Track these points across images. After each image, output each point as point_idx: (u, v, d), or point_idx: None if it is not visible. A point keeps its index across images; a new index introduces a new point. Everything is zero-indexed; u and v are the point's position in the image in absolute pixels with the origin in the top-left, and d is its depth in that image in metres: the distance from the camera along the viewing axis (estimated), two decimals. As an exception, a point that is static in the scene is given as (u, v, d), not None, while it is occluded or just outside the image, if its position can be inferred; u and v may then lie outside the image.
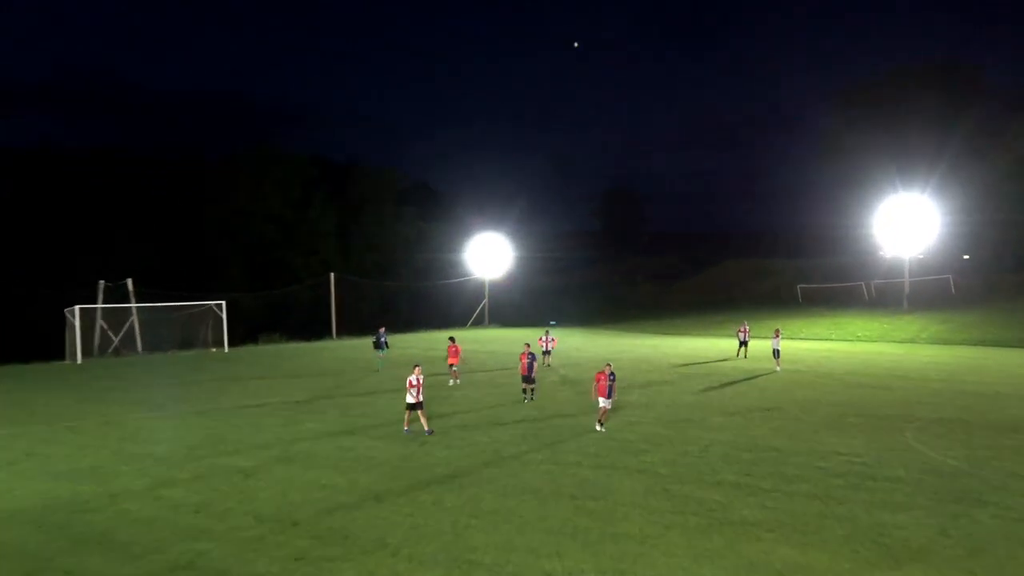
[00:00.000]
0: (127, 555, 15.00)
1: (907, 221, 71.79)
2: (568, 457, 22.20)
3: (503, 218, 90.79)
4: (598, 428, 25.50)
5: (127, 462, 22.46)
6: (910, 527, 15.74)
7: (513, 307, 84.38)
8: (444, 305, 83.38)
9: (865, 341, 58.59)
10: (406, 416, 25.15)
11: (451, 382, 36.48)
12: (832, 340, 58.96)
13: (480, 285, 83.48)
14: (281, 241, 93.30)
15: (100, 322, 57.01)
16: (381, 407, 30.73)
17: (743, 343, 47.40)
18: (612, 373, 25.48)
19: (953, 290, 78.53)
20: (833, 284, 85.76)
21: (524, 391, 31.86)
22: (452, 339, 38.80)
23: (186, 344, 58.96)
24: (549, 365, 43.46)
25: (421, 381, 24.53)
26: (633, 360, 47.22)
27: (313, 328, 70.24)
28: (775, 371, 40.49)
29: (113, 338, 57.08)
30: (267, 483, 19.99)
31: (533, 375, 31.70)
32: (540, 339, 44.41)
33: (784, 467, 20.71)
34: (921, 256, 78.26)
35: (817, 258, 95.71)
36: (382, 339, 43.10)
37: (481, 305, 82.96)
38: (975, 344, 55.10)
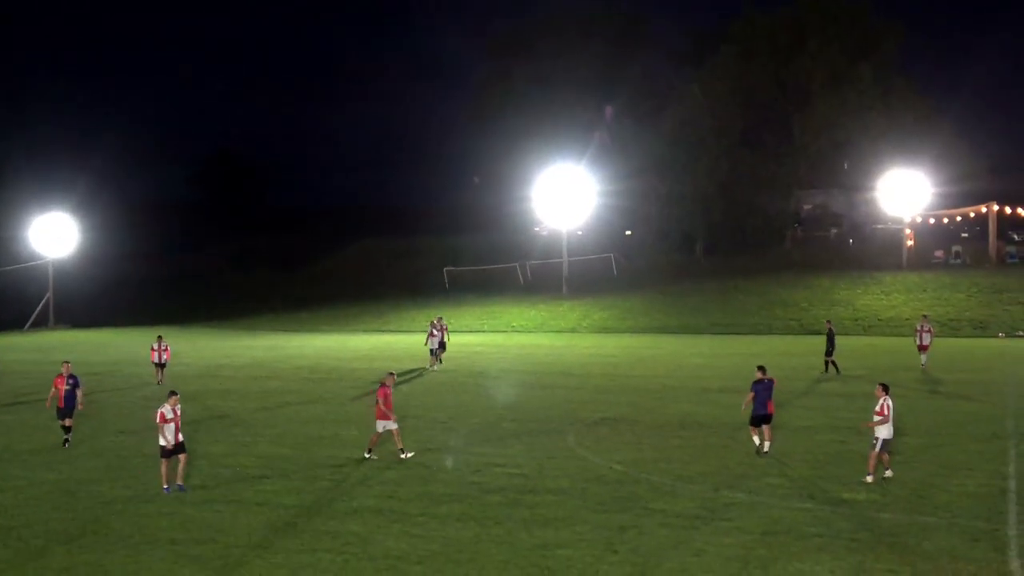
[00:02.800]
0: None
1: (564, 192, 76.31)
2: (159, 493, 21.35)
3: (71, 191, 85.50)
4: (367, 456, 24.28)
5: None
6: (574, 544, 16.76)
7: (86, 302, 79.59)
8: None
9: (521, 332, 61.82)
10: (164, 468, 20.81)
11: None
12: (484, 332, 61.61)
13: (43, 274, 78.24)
14: None
15: None
16: None
17: (440, 345, 43.68)
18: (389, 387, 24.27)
19: (615, 271, 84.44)
20: (485, 266, 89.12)
21: (64, 429, 26.38)
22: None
23: None
24: (160, 382, 39.73)
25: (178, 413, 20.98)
26: (248, 365, 46.36)
27: None
28: (430, 370, 41.70)
29: None
30: None
31: (74, 405, 26.31)
32: (153, 348, 40.79)
33: (433, 485, 21.31)
34: (580, 232, 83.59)
35: (467, 235, 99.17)
36: None
37: (44, 299, 77.69)
38: (640, 332, 60.11)
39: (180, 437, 20.87)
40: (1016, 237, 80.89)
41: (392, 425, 23.74)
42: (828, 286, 68.29)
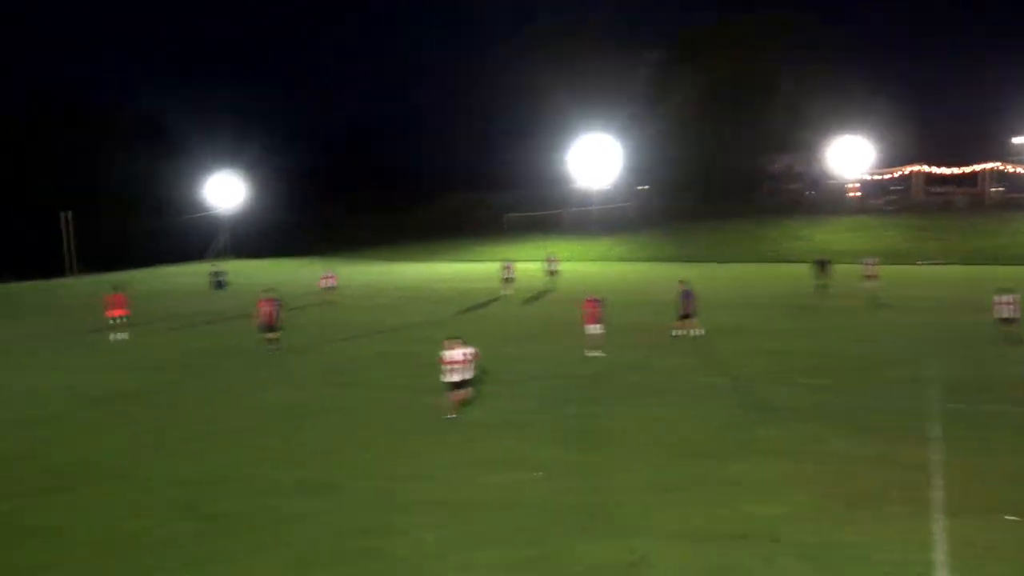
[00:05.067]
0: None
1: (597, 157, 76.80)
2: (301, 377, 21.97)
3: (238, 156, 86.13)
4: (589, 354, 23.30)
5: None
6: (603, 416, 17.18)
7: (250, 240, 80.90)
8: (181, 239, 78.26)
9: (564, 261, 62.09)
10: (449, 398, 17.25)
11: (116, 336, 29.03)
12: (534, 261, 61.79)
13: (217, 220, 79.64)
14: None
15: None
16: (108, 342, 28.73)
17: (508, 279, 40.99)
18: (599, 300, 23.64)
19: (632, 216, 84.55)
20: (535, 212, 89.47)
21: (268, 342, 25.65)
22: (117, 287, 31.06)
23: None
24: (333, 302, 38.65)
25: (468, 357, 17.03)
26: (363, 285, 46.95)
27: (45, 266, 63.11)
28: (505, 296, 40.06)
29: None
30: None
31: (275, 323, 25.60)
32: (322, 276, 40.02)
33: (500, 374, 21.79)
34: (609, 187, 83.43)
35: (521, 189, 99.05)
36: (220, 279, 37.00)
37: (219, 239, 79.09)
38: (650, 260, 60.14)
39: (466, 376, 16.94)
40: (933, 189, 79.57)
41: (597, 329, 23.11)
42: (792, 226, 67.78)
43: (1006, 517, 11.50)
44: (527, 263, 57.35)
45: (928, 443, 14.77)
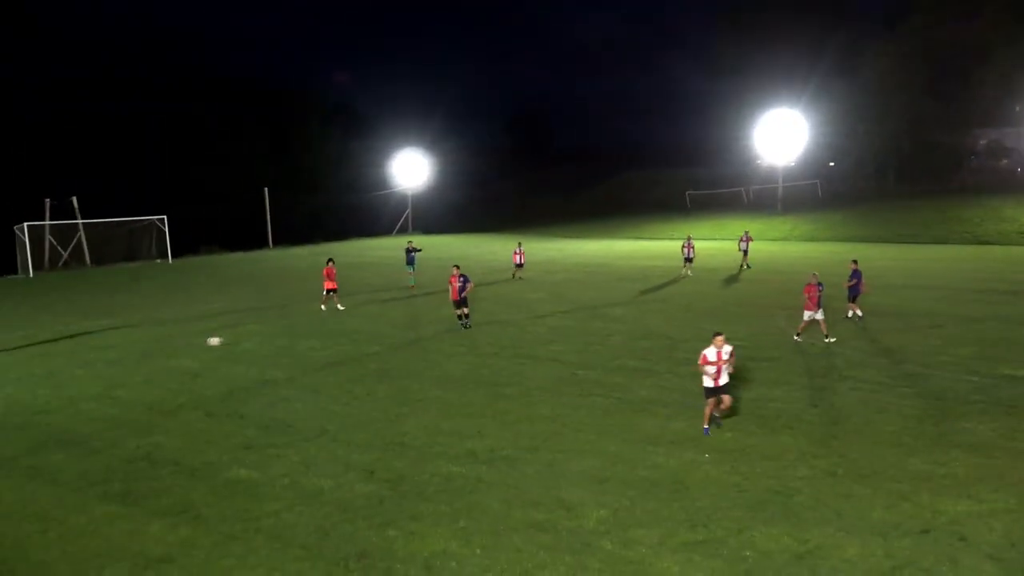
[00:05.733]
0: (87, 450, 14.72)
1: (782, 133, 73.12)
2: (485, 349, 22.39)
3: (422, 136, 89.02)
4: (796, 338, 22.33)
5: (81, 367, 21.86)
6: (784, 400, 16.40)
7: (434, 216, 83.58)
8: (370, 215, 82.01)
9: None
10: (708, 408, 14.64)
11: (324, 306, 30.27)
12: (716, 239, 60.00)
13: (403, 197, 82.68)
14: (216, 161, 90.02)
15: (48, 238, 54.82)
16: (316, 312, 30.35)
17: (688, 259, 39.38)
18: (820, 284, 21.99)
19: (820, 194, 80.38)
20: (716, 190, 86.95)
21: (459, 317, 25.67)
22: (331, 260, 31.22)
23: (131, 256, 57.15)
24: (520, 278, 38.36)
25: (726, 356, 14.43)
26: (542, 262, 47.34)
27: (249, 239, 68.41)
28: (686, 276, 38.21)
29: (63, 252, 55.09)
30: (214, 380, 19.72)
31: (464, 296, 25.38)
32: (514, 252, 39.72)
33: (675, 352, 21.27)
34: (793, 164, 79.66)
35: (703, 167, 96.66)
36: (412, 254, 37.04)
37: (405, 214, 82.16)
38: (839, 240, 56.84)
39: (723, 379, 14.39)
40: None
41: (818, 315, 21.75)
42: (998, 206, 61.83)
43: None
44: (707, 241, 55.83)
45: None
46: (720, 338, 14.44)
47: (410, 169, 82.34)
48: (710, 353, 14.26)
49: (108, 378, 20.39)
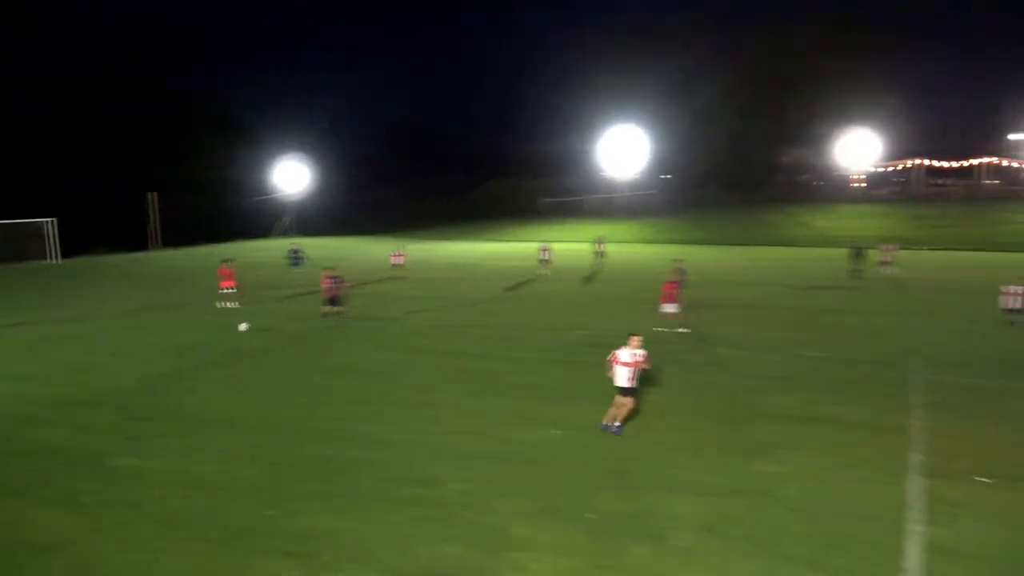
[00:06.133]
0: (-33, 447, 13.79)
1: (625, 147, 75.98)
2: (361, 342, 22.32)
3: (304, 144, 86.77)
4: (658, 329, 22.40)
5: (-42, 366, 20.30)
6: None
7: (314, 220, 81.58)
8: (253, 218, 79.25)
9: (590, 242, 61.77)
10: (614, 407, 13.76)
11: (223, 304, 29.25)
12: (565, 242, 61.51)
13: (285, 201, 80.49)
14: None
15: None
16: (203, 308, 29.28)
17: (545, 260, 39.12)
18: (680, 281, 23.16)
19: (655, 202, 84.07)
20: (567, 198, 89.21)
21: (325, 315, 25.62)
22: (226, 261, 30.93)
23: (20, 257, 53.06)
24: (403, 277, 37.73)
25: (640, 358, 13.57)
26: (415, 262, 47.20)
27: (138, 241, 64.93)
28: (544, 276, 38.42)
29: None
30: (101, 374, 18.79)
31: (337, 295, 25.42)
32: (392, 255, 39.43)
33: (531, 340, 21.87)
34: (635, 176, 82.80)
35: (555, 177, 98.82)
36: (297, 255, 36.33)
37: (287, 218, 79.94)
38: (672, 243, 59.50)
39: (634, 382, 13.57)
40: (933, 181, 77.66)
41: (672, 308, 22.32)
42: (799, 213, 66.90)
43: (978, 479, 11.43)
44: (558, 244, 57.23)
45: (912, 411, 14.67)
46: (636, 339, 13.56)
47: (292, 175, 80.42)
48: (622, 354, 13.45)
49: (-12, 376, 19.06)
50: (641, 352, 13.51)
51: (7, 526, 10.58)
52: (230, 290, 29.48)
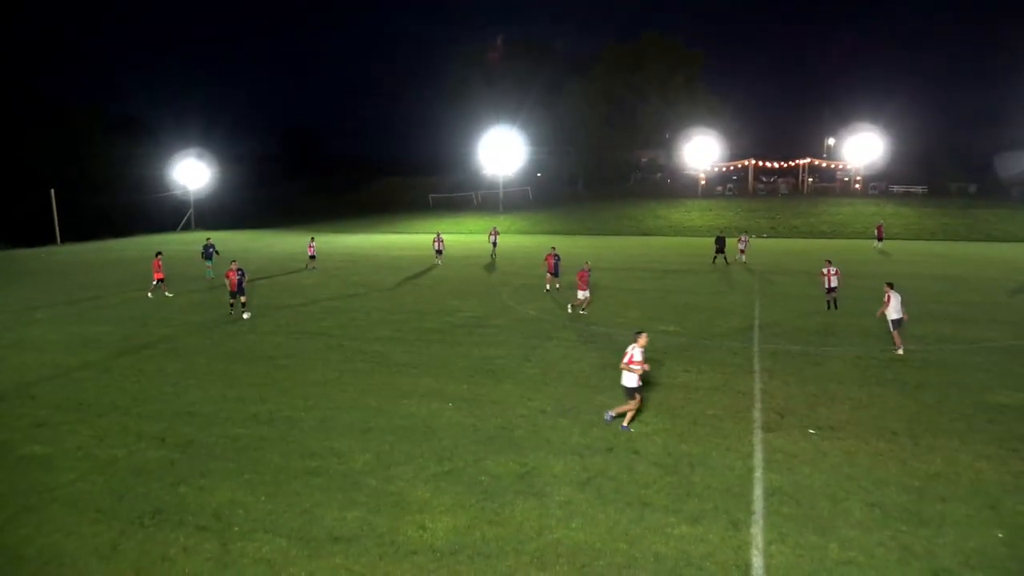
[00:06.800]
0: None
1: (502, 148, 76.19)
2: (264, 328, 21.35)
3: (203, 144, 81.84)
4: (569, 310, 22.90)
5: None
6: (506, 357, 17.29)
7: (213, 215, 77.41)
8: (154, 214, 74.30)
9: (476, 233, 61.78)
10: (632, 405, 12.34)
11: (152, 294, 27.82)
12: (454, 233, 61.29)
13: (185, 197, 75.94)
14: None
15: None
16: (106, 300, 27.18)
17: (438, 251, 37.96)
18: (590, 269, 23.46)
19: (531, 197, 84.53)
20: (453, 193, 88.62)
21: (231, 305, 23.65)
22: (159, 253, 29.18)
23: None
24: (314, 268, 36.13)
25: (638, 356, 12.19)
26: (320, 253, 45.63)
27: (38, 237, 59.47)
28: (436, 265, 37.65)
29: None
30: (4, 367, 17.07)
31: (243, 286, 23.33)
32: (310, 245, 37.26)
33: (424, 322, 21.60)
34: (511, 174, 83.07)
35: (442, 175, 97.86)
36: (210, 249, 33.69)
37: (188, 213, 75.50)
38: (546, 233, 60.39)
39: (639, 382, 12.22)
40: (764, 179, 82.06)
41: (584, 294, 22.51)
42: (655, 206, 68.84)
43: (809, 431, 12.10)
44: (448, 235, 56.91)
45: (753, 375, 15.39)
46: (644, 337, 12.18)
47: (191, 173, 75.95)
48: (637, 353, 12.04)
49: None
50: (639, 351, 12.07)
51: (-94, 519, 9.41)
52: (161, 282, 27.90)
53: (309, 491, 10.05)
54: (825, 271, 22.90)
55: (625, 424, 12.31)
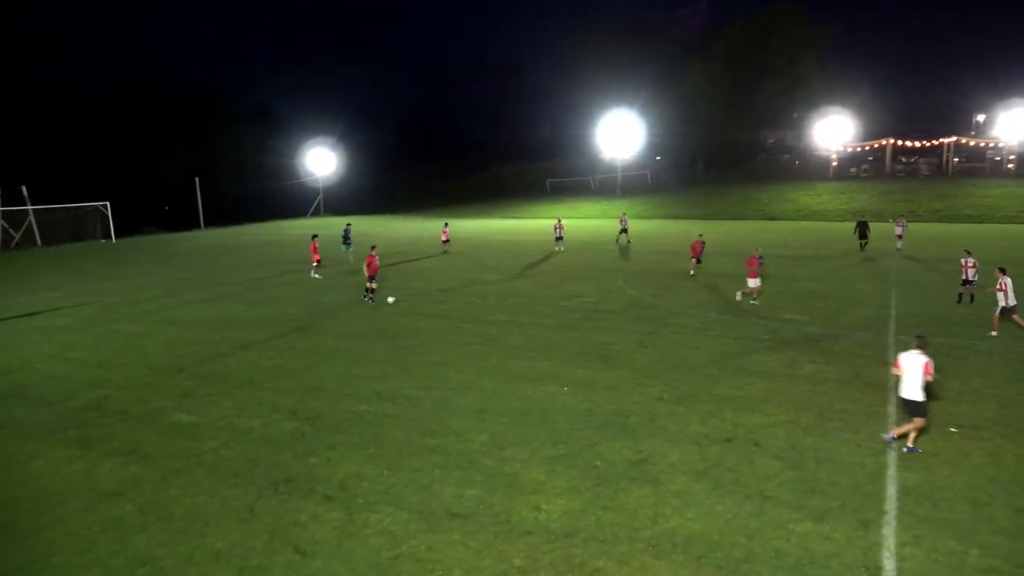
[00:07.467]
0: (44, 403, 13.90)
1: (620, 132, 74.99)
2: (386, 309, 22.22)
3: (330, 132, 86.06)
4: (738, 298, 21.93)
5: (36, 333, 20.38)
6: (621, 343, 17.11)
7: (340, 201, 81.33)
8: (287, 200, 79.05)
9: (592, 218, 61.38)
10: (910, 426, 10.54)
11: (316, 274, 29.40)
12: (571, 217, 61.10)
13: (315, 185, 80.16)
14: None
15: (1, 222, 50.52)
16: (243, 281, 29.26)
17: (558, 237, 37.83)
18: (761, 256, 21.86)
19: (649, 181, 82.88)
20: (570, 178, 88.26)
21: (367, 291, 23.44)
22: (315, 236, 30.68)
23: (78, 237, 53.40)
24: (447, 252, 37.36)
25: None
26: (434, 238, 46.97)
27: (184, 222, 65.07)
28: (557, 251, 36.98)
29: (14, 235, 50.93)
30: (156, 341, 18.79)
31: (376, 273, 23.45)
32: (443, 231, 38.81)
33: (538, 306, 21.73)
34: (629, 158, 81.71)
35: (560, 159, 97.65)
36: (349, 234, 35.29)
37: (317, 200, 79.69)
38: (663, 218, 59.13)
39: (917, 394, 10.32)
40: (903, 160, 75.98)
41: (755, 283, 21.20)
42: (782, 190, 65.68)
43: (950, 429, 11.24)
44: (567, 220, 56.88)
45: (886, 367, 14.44)
46: (919, 339, 10.61)
47: (320, 161, 79.89)
48: (909, 359, 10.43)
49: (60, 342, 19.13)
50: (924, 358, 10.33)
51: (78, 476, 10.60)
52: (318, 263, 29.60)
53: (428, 468, 10.41)
54: (963, 262, 20.57)
55: (911, 445, 10.38)
